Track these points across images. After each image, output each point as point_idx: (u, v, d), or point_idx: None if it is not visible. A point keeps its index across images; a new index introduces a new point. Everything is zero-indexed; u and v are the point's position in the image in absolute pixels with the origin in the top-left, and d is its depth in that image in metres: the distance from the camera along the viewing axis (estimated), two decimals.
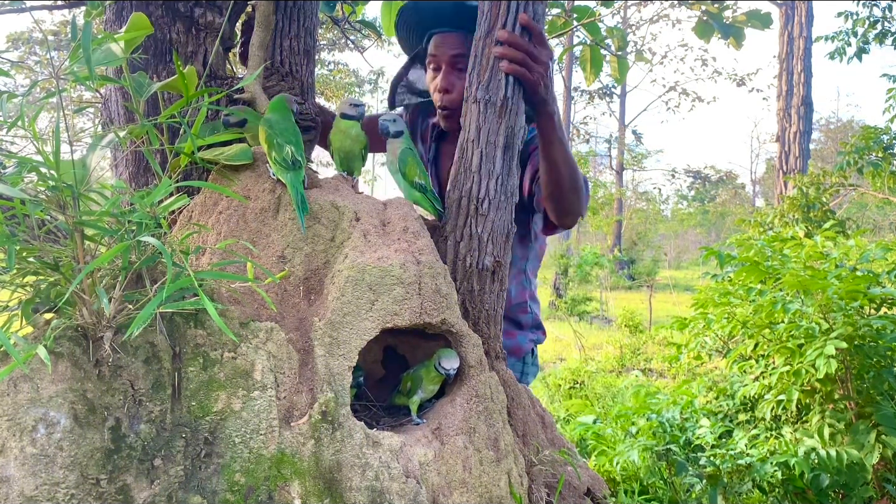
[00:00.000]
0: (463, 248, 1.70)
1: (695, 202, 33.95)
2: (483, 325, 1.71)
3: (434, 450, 1.40)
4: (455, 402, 1.50)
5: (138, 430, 1.13)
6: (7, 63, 2.95)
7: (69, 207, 1.13)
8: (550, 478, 1.69)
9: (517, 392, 1.77)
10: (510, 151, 1.73)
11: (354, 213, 1.50)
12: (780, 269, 2.94)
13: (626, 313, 9.47)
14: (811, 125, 12.54)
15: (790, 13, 12.43)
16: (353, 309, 1.37)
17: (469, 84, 1.74)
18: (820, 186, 7.39)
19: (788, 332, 2.89)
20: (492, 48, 1.70)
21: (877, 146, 6.64)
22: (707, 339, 3.53)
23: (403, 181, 1.67)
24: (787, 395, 2.83)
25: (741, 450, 2.92)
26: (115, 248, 1.09)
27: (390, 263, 1.41)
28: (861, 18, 8.87)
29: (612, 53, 3.10)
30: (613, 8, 4.27)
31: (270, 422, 1.21)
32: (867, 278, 2.80)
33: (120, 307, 1.15)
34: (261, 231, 1.49)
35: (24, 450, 1.06)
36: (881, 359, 2.82)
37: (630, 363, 7.73)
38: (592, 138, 31.49)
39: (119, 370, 1.13)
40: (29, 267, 1.17)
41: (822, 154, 27.91)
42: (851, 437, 2.71)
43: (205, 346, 1.20)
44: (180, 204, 1.23)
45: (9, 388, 1.08)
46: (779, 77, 12.76)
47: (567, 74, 24.19)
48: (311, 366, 1.32)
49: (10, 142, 1.24)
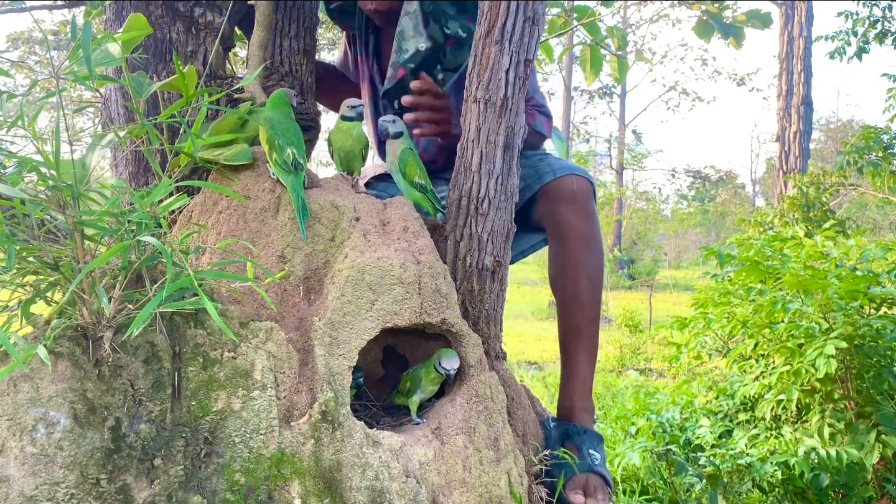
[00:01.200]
0: (463, 247, 1.70)
1: (695, 202, 33.96)
2: (483, 324, 1.71)
3: (434, 449, 1.40)
4: (455, 401, 1.50)
5: (138, 430, 1.13)
6: (7, 63, 2.96)
7: (69, 207, 1.13)
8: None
9: (517, 392, 1.78)
10: (510, 151, 1.73)
11: (354, 213, 1.50)
12: (780, 269, 2.94)
13: (626, 313, 9.47)
14: (811, 125, 12.54)
15: (790, 13, 12.43)
16: (353, 309, 1.37)
17: (469, 84, 1.74)
18: (820, 186, 7.39)
19: (788, 331, 2.89)
20: (491, 48, 1.70)
21: (877, 146, 6.64)
22: (707, 339, 3.54)
23: (403, 181, 1.67)
24: (787, 395, 2.83)
25: (741, 449, 2.93)
26: (114, 248, 1.09)
27: (390, 263, 1.41)
28: (861, 18, 8.87)
29: (612, 53, 3.11)
30: (613, 8, 4.26)
31: (270, 421, 1.21)
32: (867, 278, 2.81)
33: (120, 307, 1.15)
34: (261, 231, 1.49)
35: (24, 449, 1.06)
36: (881, 358, 2.82)
37: (630, 363, 7.73)
38: (592, 138, 31.52)
39: (119, 370, 1.13)
40: (29, 267, 1.17)
41: (822, 154, 27.92)
42: (851, 437, 2.72)
43: (205, 346, 1.20)
44: (180, 204, 1.23)
45: (9, 387, 1.08)
46: (779, 77, 12.76)
47: (567, 74, 24.19)
48: (311, 365, 1.32)
49: (10, 141, 1.24)
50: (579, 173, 1.89)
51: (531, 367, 7.65)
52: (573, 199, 1.85)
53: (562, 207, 1.85)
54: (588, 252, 1.86)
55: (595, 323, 1.90)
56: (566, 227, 1.85)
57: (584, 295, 1.86)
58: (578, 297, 1.86)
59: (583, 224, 1.85)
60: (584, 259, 1.85)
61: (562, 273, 1.88)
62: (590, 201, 1.89)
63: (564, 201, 1.85)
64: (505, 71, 1.70)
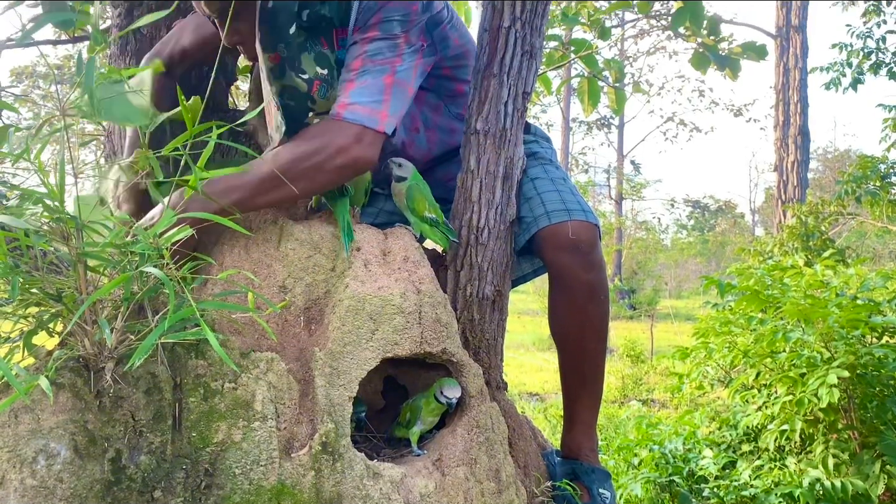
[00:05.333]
0: (463, 277, 1.71)
1: (694, 231, 34.02)
2: (484, 354, 1.71)
3: (435, 481, 1.40)
4: (456, 432, 1.50)
5: (138, 462, 1.12)
6: (11, 96, 3.00)
7: (73, 238, 1.14)
8: None
9: (518, 423, 1.77)
10: (509, 181, 1.74)
11: (355, 243, 1.51)
12: (780, 298, 2.94)
13: (628, 343, 9.43)
14: (808, 155, 12.62)
15: (785, 44, 12.58)
16: (353, 339, 1.37)
17: (468, 116, 1.76)
18: (819, 215, 7.41)
19: (790, 361, 2.88)
20: (490, 81, 1.73)
21: (874, 175, 6.68)
22: (709, 369, 3.52)
23: (412, 217, 1.66)
24: (791, 425, 2.81)
25: (745, 481, 2.90)
26: (117, 279, 1.09)
27: (391, 293, 1.42)
28: (855, 50, 8.98)
29: (609, 85, 3.14)
30: (610, 41, 4.33)
31: (271, 453, 1.21)
32: (868, 307, 2.81)
33: (121, 338, 1.15)
34: (262, 261, 1.50)
35: (23, 482, 1.05)
36: (884, 388, 2.81)
37: (632, 393, 7.68)
38: (591, 168, 31.68)
39: (120, 401, 1.13)
40: (32, 298, 1.17)
41: (820, 183, 28.06)
42: (856, 468, 2.69)
43: (206, 377, 1.20)
44: (183, 235, 1.24)
45: (10, 419, 1.08)
46: (775, 107, 12.87)
47: (565, 105, 24.41)
48: (312, 396, 1.31)
49: (13, 174, 1.26)
50: (577, 217, 1.71)
51: (532, 398, 7.59)
52: (575, 247, 1.69)
53: (562, 256, 1.71)
54: (593, 303, 1.73)
55: (600, 369, 1.82)
56: (568, 277, 1.71)
57: (589, 344, 1.77)
58: (583, 347, 1.77)
59: (587, 274, 1.70)
60: (588, 310, 1.73)
61: (564, 321, 1.78)
62: (593, 250, 1.72)
63: (564, 250, 1.70)
64: (504, 103, 1.72)
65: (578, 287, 1.71)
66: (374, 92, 1.56)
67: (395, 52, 1.59)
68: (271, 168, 1.45)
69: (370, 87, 1.56)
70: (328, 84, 1.66)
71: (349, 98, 1.55)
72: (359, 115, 1.53)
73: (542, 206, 1.76)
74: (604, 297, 1.75)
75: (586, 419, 1.83)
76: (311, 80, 1.64)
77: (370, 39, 1.58)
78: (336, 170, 1.52)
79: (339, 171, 1.52)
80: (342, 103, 1.54)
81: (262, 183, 1.46)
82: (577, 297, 1.72)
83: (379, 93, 1.56)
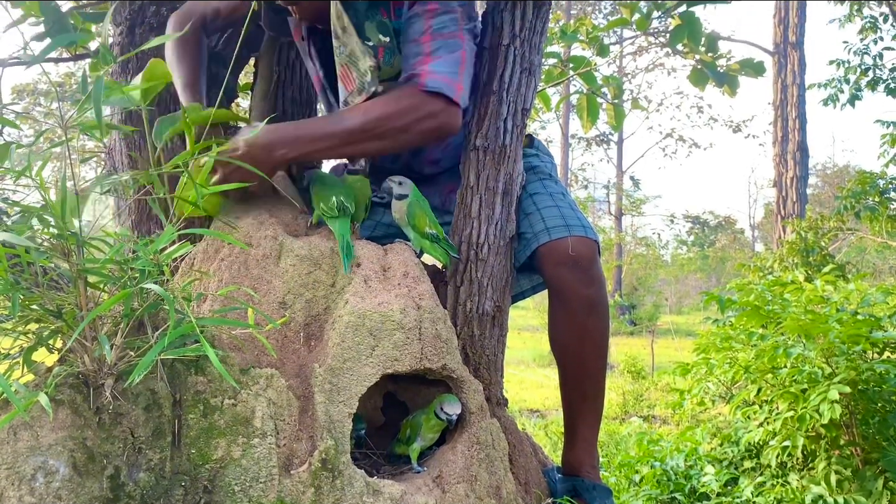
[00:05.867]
0: (463, 292, 1.71)
1: (694, 247, 34.04)
2: (484, 370, 1.71)
3: (435, 498, 1.39)
4: (456, 449, 1.49)
5: (137, 479, 1.12)
6: (12, 114, 3.00)
7: (73, 255, 1.14)
8: None
9: (519, 439, 1.76)
10: (508, 197, 1.75)
11: (355, 259, 1.51)
12: (780, 314, 2.94)
13: (629, 359, 9.40)
14: (807, 170, 12.66)
15: (783, 61, 12.65)
16: (353, 355, 1.37)
17: (468, 132, 1.77)
18: (818, 231, 7.43)
19: (791, 376, 2.87)
20: (489, 98, 1.74)
21: (873, 191, 6.69)
22: (710, 385, 3.51)
23: (413, 233, 1.66)
24: (793, 441, 2.80)
25: (747, 497, 2.88)
26: (117, 296, 1.09)
27: (391, 309, 1.42)
28: (852, 66, 9.04)
29: (608, 101, 3.16)
30: (609, 58, 4.36)
31: (270, 470, 1.20)
32: (869, 322, 2.80)
33: (121, 354, 1.15)
34: (262, 277, 1.50)
35: (22, 499, 1.05)
36: (886, 403, 2.80)
37: (633, 409, 7.65)
38: (590, 184, 31.76)
39: (119, 417, 1.13)
40: (32, 314, 1.17)
41: (819, 199, 28.11)
42: (859, 484, 2.67)
43: (205, 393, 1.20)
44: (183, 251, 1.24)
45: (9, 435, 1.08)
46: (774, 123, 12.92)
47: (564, 122, 24.52)
48: (312, 413, 1.31)
49: (13, 190, 1.26)
50: (577, 233, 1.72)
51: (533, 415, 7.56)
52: (575, 263, 1.70)
53: (561, 272, 1.71)
54: (593, 318, 1.73)
55: (600, 386, 1.82)
56: (568, 293, 1.72)
57: (590, 360, 1.77)
58: (583, 363, 1.77)
59: (587, 289, 1.71)
60: (588, 325, 1.73)
61: (564, 337, 1.78)
62: (593, 265, 1.73)
63: (564, 266, 1.71)
64: (503, 120, 1.73)
65: (578, 302, 1.72)
66: (451, 63, 1.62)
67: (456, 25, 1.66)
68: (363, 121, 1.54)
69: (447, 60, 1.63)
70: (391, 52, 1.73)
71: (429, 67, 1.60)
72: (441, 85, 1.59)
73: (542, 221, 1.77)
74: (604, 312, 1.75)
75: (587, 436, 1.82)
76: (375, 46, 1.72)
77: (433, 13, 1.65)
78: (421, 133, 1.60)
79: (423, 134, 1.61)
80: (423, 71, 1.60)
81: (350, 134, 1.55)
82: (577, 312, 1.73)
83: (455, 64, 1.63)
